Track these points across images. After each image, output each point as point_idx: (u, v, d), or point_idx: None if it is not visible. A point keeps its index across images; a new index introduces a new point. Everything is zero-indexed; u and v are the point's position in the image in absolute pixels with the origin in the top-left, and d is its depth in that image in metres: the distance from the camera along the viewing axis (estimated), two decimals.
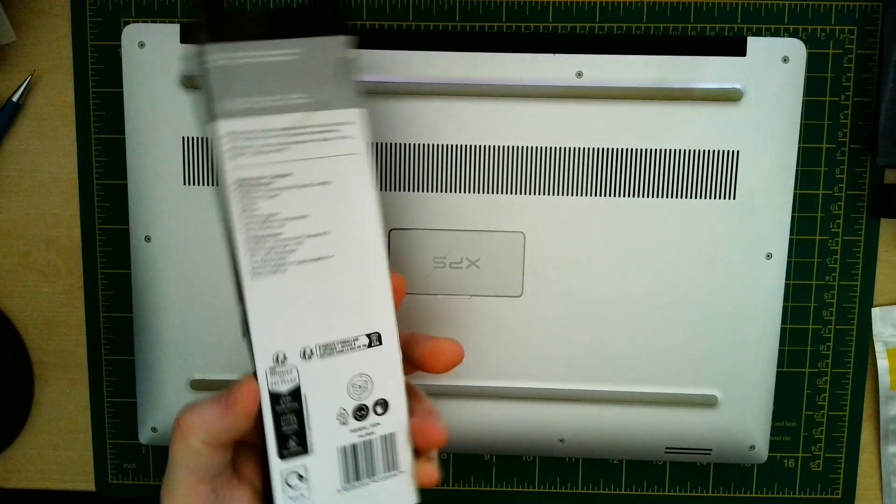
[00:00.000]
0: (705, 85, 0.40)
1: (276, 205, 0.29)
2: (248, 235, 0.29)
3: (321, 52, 0.30)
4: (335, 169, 0.30)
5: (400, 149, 0.41)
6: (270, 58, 0.29)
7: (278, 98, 0.29)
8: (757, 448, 0.43)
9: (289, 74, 0.30)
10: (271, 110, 0.29)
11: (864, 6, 0.42)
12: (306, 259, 0.30)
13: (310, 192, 0.30)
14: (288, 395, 0.30)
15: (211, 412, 0.29)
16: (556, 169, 0.41)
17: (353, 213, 0.31)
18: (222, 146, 0.29)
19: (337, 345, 0.30)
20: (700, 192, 0.41)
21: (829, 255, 0.44)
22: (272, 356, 0.30)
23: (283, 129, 0.29)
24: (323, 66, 0.30)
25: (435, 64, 0.40)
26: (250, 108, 0.29)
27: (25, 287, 0.45)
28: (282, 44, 0.30)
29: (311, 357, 0.30)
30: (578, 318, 0.42)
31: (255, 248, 0.29)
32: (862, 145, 0.43)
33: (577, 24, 0.43)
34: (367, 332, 0.31)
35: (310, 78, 0.30)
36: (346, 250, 0.30)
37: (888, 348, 0.45)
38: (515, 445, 0.44)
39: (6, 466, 0.47)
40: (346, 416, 0.31)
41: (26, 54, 0.43)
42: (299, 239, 0.30)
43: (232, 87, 0.29)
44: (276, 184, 0.29)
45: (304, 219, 0.30)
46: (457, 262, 0.42)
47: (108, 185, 0.44)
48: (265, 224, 0.29)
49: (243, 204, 0.29)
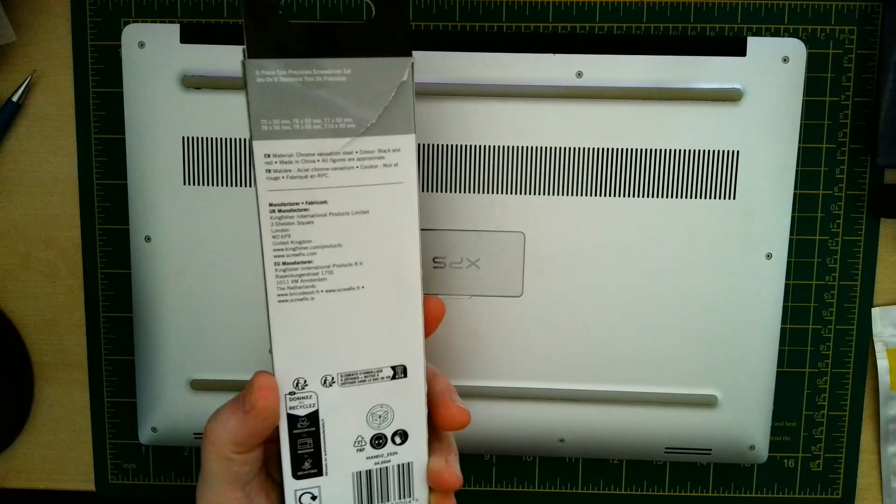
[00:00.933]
0: (705, 85, 0.40)
1: (310, 232, 0.28)
2: (278, 261, 0.28)
3: (376, 73, 0.28)
4: (376, 197, 0.29)
5: None
6: (319, 77, 0.28)
7: (323, 121, 0.28)
8: (757, 448, 0.43)
9: (337, 96, 0.28)
10: (314, 133, 0.28)
11: (864, 6, 0.42)
12: (336, 289, 0.29)
13: (346, 220, 0.29)
14: (305, 418, 0.30)
15: (234, 419, 0.29)
16: (556, 169, 0.41)
17: (390, 245, 0.29)
18: (259, 167, 0.28)
19: (360, 374, 0.30)
20: (700, 192, 0.41)
21: (829, 255, 0.44)
22: (293, 381, 0.30)
23: (324, 153, 0.28)
24: (376, 90, 0.28)
25: (435, 64, 0.40)
26: (292, 131, 0.28)
27: (25, 287, 0.45)
28: (333, 63, 0.28)
29: (331, 385, 0.30)
30: (578, 318, 0.42)
31: (284, 275, 0.28)
32: (862, 145, 0.43)
33: (577, 24, 0.43)
34: (393, 364, 0.30)
35: (360, 101, 0.28)
36: (380, 282, 0.29)
37: (888, 348, 0.45)
38: (515, 445, 0.44)
39: (6, 466, 0.47)
40: (363, 444, 0.31)
41: (26, 54, 0.43)
42: (330, 268, 0.29)
43: (274, 106, 0.27)
44: (311, 210, 0.28)
45: (338, 248, 0.29)
46: (457, 262, 0.42)
47: (108, 185, 0.44)
48: (296, 251, 0.28)
49: (275, 229, 0.28)
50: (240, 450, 0.30)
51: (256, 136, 0.27)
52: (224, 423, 0.30)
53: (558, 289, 0.42)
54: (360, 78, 0.28)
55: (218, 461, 0.30)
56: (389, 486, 0.31)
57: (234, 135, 0.41)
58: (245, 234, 0.42)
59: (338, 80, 0.28)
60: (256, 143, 0.27)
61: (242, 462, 0.30)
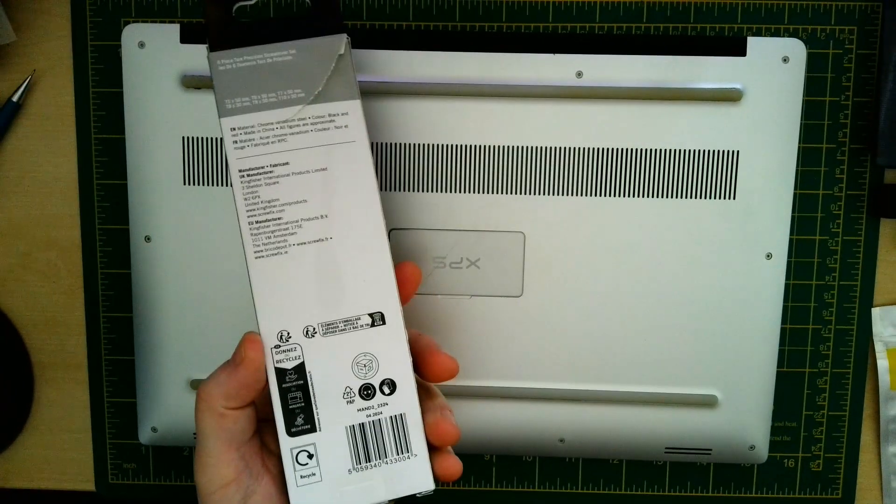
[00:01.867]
0: (705, 85, 0.40)
1: (276, 191, 0.32)
2: (251, 220, 0.32)
3: (317, 50, 0.33)
4: (332, 156, 0.32)
5: (400, 149, 0.41)
6: (270, 59, 0.32)
7: (277, 94, 0.32)
8: (757, 448, 0.43)
9: (287, 73, 0.32)
10: (270, 105, 0.32)
11: (864, 6, 0.42)
12: (306, 241, 0.32)
13: (308, 178, 0.32)
14: (293, 371, 0.31)
15: (223, 374, 0.31)
16: (556, 169, 0.41)
17: (350, 197, 0.32)
18: (227, 140, 0.32)
19: (339, 323, 0.32)
20: (700, 192, 0.41)
21: (829, 255, 0.44)
22: (276, 334, 0.31)
23: (280, 121, 0.32)
24: (318, 63, 0.33)
25: (435, 64, 0.40)
26: (251, 105, 0.32)
27: (25, 287, 0.45)
28: (281, 46, 0.33)
29: (314, 335, 0.32)
30: (578, 318, 0.42)
31: (258, 232, 0.32)
32: (862, 145, 0.43)
33: (577, 24, 0.43)
34: (370, 312, 0.32)
35: (306, 75, 0.32)
36: (345, 232, 0.32)
37: (888, 348, 0.45)
38: (515, 445, 0.44)
39: (6, 466, 0.47)
40: (352, 395, 0.32)
41: (26, 54, 0.43)
42: (298, 222, 0.32)
43: (235, 87, 0.32)
44: (275, 172, 0.32)
45: (303, 203, 0.32)
46: (457, 262, 0.42)
47: (108, 185, 0.44)
48: (266, 209, 0.32)
49: (246, 191, 0.32)
50: (231, 404, 0.31)
51: (223, 114, 0.32)
52: (215, 378, 0.31)
53: (558, 289, 0.42)
54: (303, 55, 0.33)
55: (211, 418, 0.31)
56: (385, 440, 0.32)
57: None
58: None
59: (285, 60, 0.32)
60: (223, 119, 0.32)
61: (234, 419, 0.31)
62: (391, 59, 0.40)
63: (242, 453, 0.32)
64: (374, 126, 0.41)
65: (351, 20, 0.43)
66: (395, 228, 0.42)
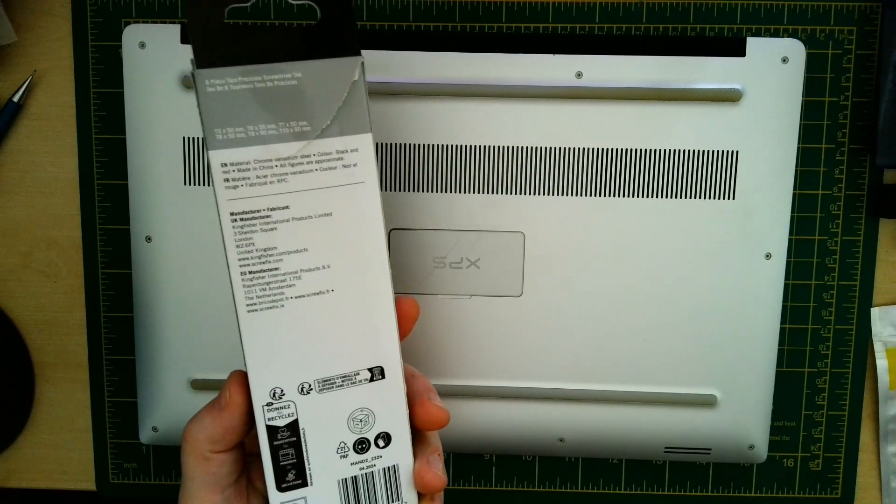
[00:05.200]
0: (705, 85, 0.40)
1: (274, 238, 0.28)
2: (244, 270, 0.28)
3: (327, 75, 0.28)
4: (338, 199, 0.28)
5: (400, 149, 0.41)
6: (271, 83, 0.27)
7: (278, 126, 0.27)
8: (756, 447, 0.44)
9: (290, 100, 0.27)
10: (270, 139, 0.27)
11: (864, 6, 0.42)
12: (305, 294, 0.29)
13: (310, 224, 0.28)
14: (285, 428, 0.29)
15: (208, 417, 0.30)
16: (556, 169, 0.41)
17: (356, 246, 0.29)
18: (217, 177, 0.27)
19: (337, 379, 0.30)
20: (699, 192, 0.41)
21: (829, 255, 0.44)
22: (269, 392, 0.29)
23: (282, 159, 0.27)
24: (328, 91, 0.28)
25: (435, 64, 0.40)
26: (248, 138, 0.27)
27: (26, 287, 0.45)
28: (284, 67, 0.27)
29: (309, 392, 0.29)
30: (578, 318, 0.42)
31: (252, 284, 0.28)
32: (861, 145, 0.43)
33: (576, 24, 0.43)
34: (370, 367, 0.30)
35: (313, 104, 0.28)
36: (349, 284, 0.29)
37: (887, 348, 0.45)
38: (515, 445, 0.44)
39: (7, 466, 0.47)
40: (346, 450, 0.30)
41: (27, 54, 0.44)
42: (298, 273, 0.28)
43: (228, 114, 0.27)
44: (273, 217, 0.28)
45: (304, 252, 0.28)
46: (457, 262, 0.42)
47: (108, 185, 0.44)
48: (262, 259, 0.28)
49: (238, 238, 0.28)
50: (217, 448, 0.30)
51: (212, 147, 0.27)
52: (200, 422, 0.30)
53: (558, 289, 0.42)
54: (311, 80, 0.27)
55: (196, 462, 0.30)
56: (376, 490, 0.31)
57: None
58: None
59: (289, 84, 0.27)
60: (212, 153, 0.27)
61: (220, 463, 0.30)
62: (391, 59, 0.40)
63: (227, 495, 0.31)
64: (374, 126, 0.41)
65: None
66: (395, 228, 0.42)
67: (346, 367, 0.30)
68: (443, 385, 0.43)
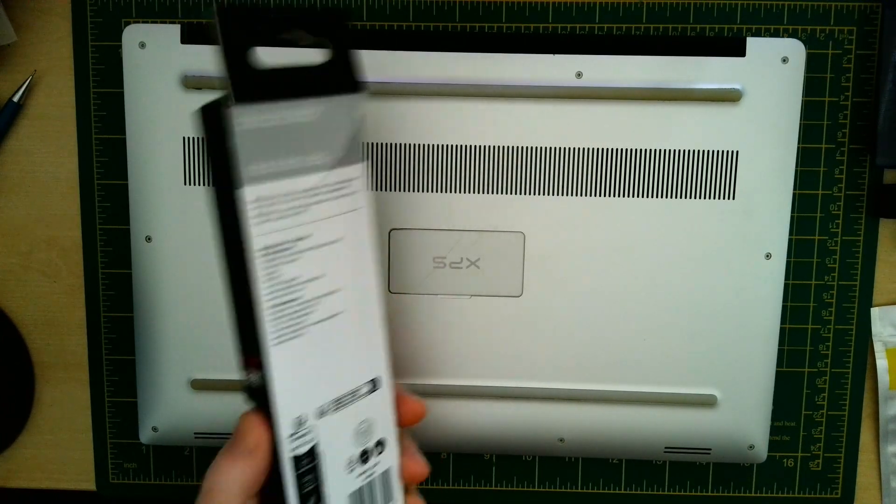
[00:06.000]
0: (705, 85, 0.40)
1: (297, 268, 0.28)
2: (274, 303, 0.28)
3: (339, 110, 0.29)
4: (345, 225, 0.30)
5: (400, 149, 0.41)
6: (293, 119, 0.28)
7: (300, 159, 0.28)
8: (756, 447, 0.44)
9: (308, 134, 0.28)
10: (293, 173, 0.28)
11: (864, 6, 0.42)
12: (322, 318, 0.29)
13: (325, 251, 0.29)
14: (306, 455, 0.29)
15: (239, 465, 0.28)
16: (556, 169, 0.41)
17: (357, 266, 0.30)
18: (249, 213, 0.27)
19: (346, 397, 0.30)
20: (699, 192, 0.41)
21: (829, 255, 0.44)
22: (294, 421, 0.29)
23: (304, 190, 0.28)
24: (340, 125, 0.29)
25: (435, 64, 0.40)
26: (274, 173, 0.27)
27: (26, 287, 0.45)
28: (304, 104, 0.28)
29: (324, 414, 0.29)
30: (578, 318, 0.42)
31: (278, 316, 0.28)
32: (861, 145, 0.43)
33: (576, 24, 0.43)
34: (369, 379, 0.31)
35: (328, 137, 0.29)
36: (355, 304, 0.30)
37: (887, 348, 0.45)
38: (515, 445, 0.44)
39: (7, 466, 0.47)
40: (354, 464, 0.31)
41: (27, 54, 0.44)
42: (316, 300, 0.29)
43: (258, 151, 0.27)
44: (297, 247, 0.28)
45: (321, 279, 0.29)
46: (457, 262, 0.42)
47: (108, 185, 0.44)
48: (288, 290, 0.28)
49: (267, 271, 0.27)
50: (250, 495, 0.28)
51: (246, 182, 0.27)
52: (228, 472, 0.28)
53: (558, 289, 0.42)
54: (326, 116, 0.29)
55: None
56: (376, 496, 0.31)
57: None
58: None
59: (308, 119, 0.28)
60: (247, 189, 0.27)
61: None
62: (391, 59, 0.40)
63: None
64: (374, 126, 0.41)
65: (351, 21, 0.43)
66: (395, 228, 0.42)
67: (352, 383, 0.30)
68: (443, 385, 0.43)
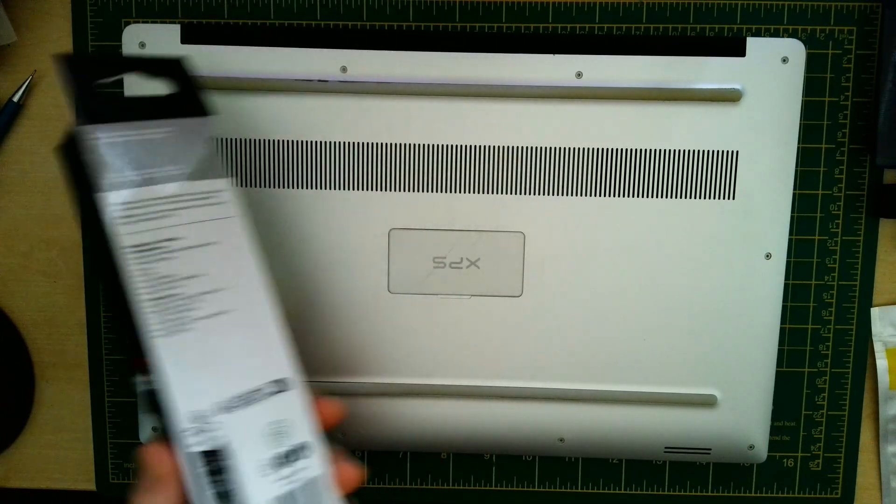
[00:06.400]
0: (705, 85, 0.40)
1: (172, 266, 0.31)
2: (151, 297, 0.30)
3: (190, 130, 0.33)
4: (218, 230, 0.33)
5: (400, 149, 0.41)
6: (149, 135, 0.32)
7: (158, 170, 0.32)
8: (756, 447, 0.44)
9: (164, 149, 0.32)
10: (154, 181, 0.32)
11: (864, 6, 0.42)
12: (207, 315, 0.31)
13: (200, 252, 0.32)
14: (210, 453, 0.30)
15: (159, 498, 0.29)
16: (556, 169, 0.41)
17: (239, 270, 0.33)
18: (113, 215, 0.30)
19: (249, 395, 0.31)
20: (699, 192, 0.41)
21: (829, 255, 0.44)
22: (189, 415, 0.30)
23: (165, 197, 0.32)
24: (194, 143, 0.33)
25: (435, 64, 0.40)
26: (135, 180, 0.31)
27: (26, 287, 0.45)
28: (156, 123, 0.32)
29: (225, 411, 0.30)
30: (578, 318, 0.42)
31: (158, 310, 0.30)
32: (861, 145, 0.43)
33: (576, 24, 0.43)
34: (273, 379, 0.32)
35: (183, 152, 0.33)
36: (242, 304, 0.32)
37: (887, 348, 0.45)
38: (515, 445, 0.44)
39: (7, 466, 0.47)
40: (272, 467, 0.31)
41: (27, 55, 0.44)
42: (198, 296, 0.31)
43: (116, 161, 0.31)
44: (168, 247, 0.31)
45: (200, 277, 0.31)
46: (457, 262, 0.42)
47: None
48: (164, 285, 0.30)
49: (140, 267, 0.30)
50: None
51: (106, 188, 0.30)
52: None
53: (558, 289, 0.42)
54: (178, 134, 0.33)
55: None
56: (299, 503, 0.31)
57: (234, 135, 0.41)
58: None
59: (161, 137, 0.32)
60: (107, 194, 0.30)
61: None
62: (391, 59, 0.40)
63: None
64: (374, 126, 0.41)
65: (351, 20, 0.43)
66: (395, 228, 0.42)
67: (254, 382, 0.32)
68: (443, 385, 0.43)
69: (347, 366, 0.43)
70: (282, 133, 0.41)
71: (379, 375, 0.43)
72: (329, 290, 0.42)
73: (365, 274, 0.42)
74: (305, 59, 0.40)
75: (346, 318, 0.42)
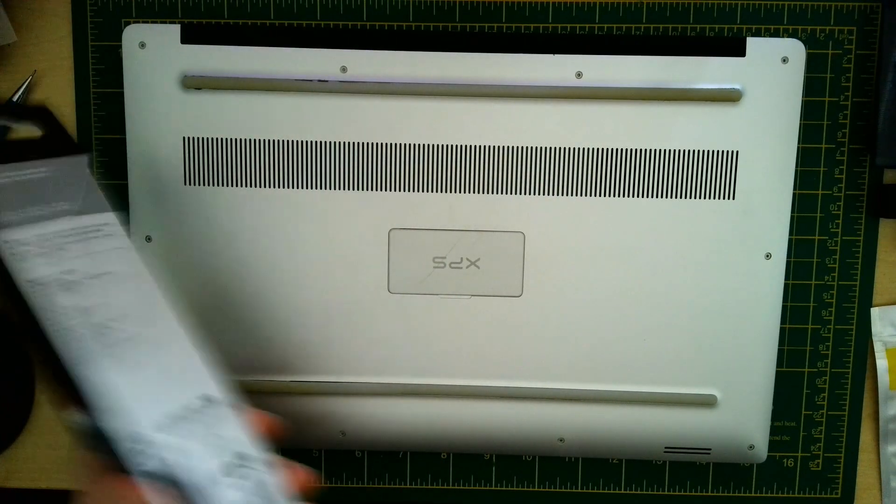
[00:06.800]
0: (705, 85, 0.40)
1: (74, 297, 0.32)
2: (60, 328, 0.31)
3: (68, 169, 0.35)
4: (112, 261, 0.34)
5: (400, 149, 0.41)
6: (26, 176, 0.33)
7: (43, 208, 0.33)
8: (756, 447, 0.44)
9: (45, 188, 0.33)
10: (42, 218, 0.33)
11: (864, 6, 0.42)
12: (119, 340, 0.32)
13: (100, 282, 0.33)
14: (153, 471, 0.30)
15: None
16: (556, 169, 0.41)
17: (141, 295, 0.34)
18: (9, 253, 0.31)
19: (181, 412, 0.32)
20: (699, 192, 0.41)
21: (829, 255, 0.44)
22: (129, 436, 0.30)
23: (55, 232, 0.33)
24: (74, 180, 0.35)
25: (434, 64, 0.40)
26: (23, 218, 0.32)
27: None
28: (31, 164, 0.33)
29: (165, 429, 0.31)
30: (578, 318, 0.42)
31: (73, 339, 0.31)
32: (861, 145, 0.43)
33: (576, 24, 0.43)
34: (199, 396, 0.33)
35: (65, 189, 0.34)
36: (150, 329, 0.33)
37: (887, 348, 0.45)
38: (515, 445, 0.44)
39: (7, 466, 0.47)
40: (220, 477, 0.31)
41: (27, 54, 0.44)
42: (106, 323, 0.32)
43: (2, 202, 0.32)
44: (69, 278, 0.32)
45: (103, 305, 0.32)
46: (457, 262, 0.42)
47: (108, 185, 0.44)
48: (70, 315, 0.31)
49: (44, 301, 0.31)
50: None
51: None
52: None
53: (558, 289, 0.42)
54: (56, 173, 0.34)
55: None
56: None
57: (234, 135, 0.41)
58: (245, 234, 0.42)
59: (40, 177, 0.33)
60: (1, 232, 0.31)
61: None
62: (391, 59, 0.40)
63: None
64: (374, 126, 0.41)
65: (351, 20, 0.43)
66: (395, 228, 0.42)
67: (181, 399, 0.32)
68: (443, 385, 0.43)
69: (348, 366, 0.43)
70: (282, 133, 0.41)
71: (379, 375, 0.43)
72: (329, 289, 0.42)
73: (365, 274, 0.42)
74: (305, 59, 0.40)
75: (346, 318, 0.42)
